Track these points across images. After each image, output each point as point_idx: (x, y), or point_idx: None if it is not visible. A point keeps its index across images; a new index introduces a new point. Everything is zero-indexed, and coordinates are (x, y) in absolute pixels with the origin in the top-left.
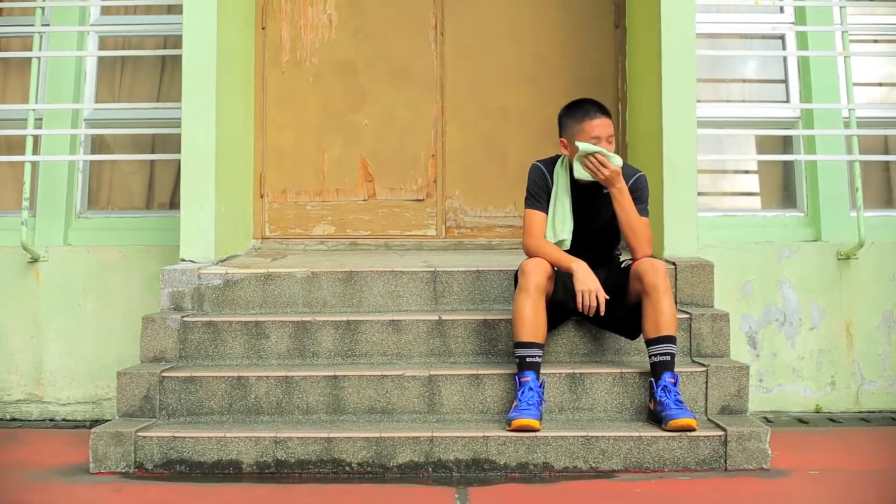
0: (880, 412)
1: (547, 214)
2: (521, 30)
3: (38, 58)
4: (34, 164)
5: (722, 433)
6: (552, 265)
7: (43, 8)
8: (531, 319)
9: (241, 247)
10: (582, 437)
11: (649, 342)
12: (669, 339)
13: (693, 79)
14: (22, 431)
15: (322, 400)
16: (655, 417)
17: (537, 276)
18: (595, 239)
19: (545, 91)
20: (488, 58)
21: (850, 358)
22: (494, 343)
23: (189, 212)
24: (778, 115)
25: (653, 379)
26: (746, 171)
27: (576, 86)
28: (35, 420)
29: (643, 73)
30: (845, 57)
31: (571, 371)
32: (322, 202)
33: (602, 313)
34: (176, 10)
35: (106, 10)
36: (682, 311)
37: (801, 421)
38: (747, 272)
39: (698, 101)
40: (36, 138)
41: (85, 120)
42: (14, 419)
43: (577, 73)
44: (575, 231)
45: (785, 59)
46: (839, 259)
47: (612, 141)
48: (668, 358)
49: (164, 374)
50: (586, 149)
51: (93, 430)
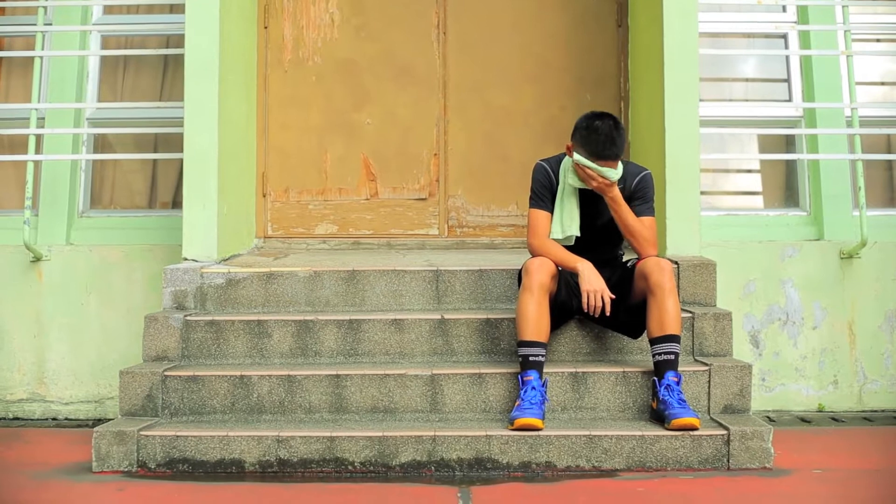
0: (883, 411)
1: (552, 214)
2: (524, 28)
3: (41, 57)
4: (37, 164)
5: (725, 432)
6: (556, 265)
7: (45, 7)
8: (534, 319)
9: (244, 246)
10: (585, 436)
11: (653, 341)
12: (674, 339)
13: (695, 78)
14: (25, 430)
15: (325, 399)
16: (658, 416)
17: (541, 275)
18: (598, 238)
19: (548, 90)
20: (491, 57)
21: (852, 357)
22: (497, 342)
23: (191, 211)
24: (780, 114)
25: (656, 378)
26: (749, 171)
27: (578, 85)
28: (38, 419)
29: (645, 72)
30: (848, 56)
31: (574, 370)
32: (324, 201)
33: (608, 314)
34: (178, 9)
35: (108, 10)
36: (685, 311)
37: (804, 420)
38: (750, 271)
39: (701, 100)
40: (38, 137)
41: (87, 119)
42: (17, 418)
43: (580, 72)
44: (582, 235)
45: (787, 58)
46: (842, 258)
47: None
48: (672, 357)
49: (166, 373)
50: (579, 161)
51: (95, 429)
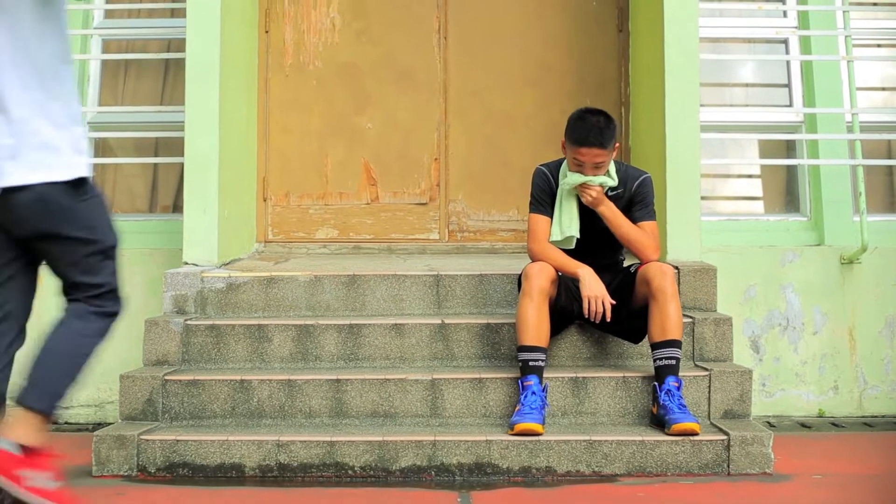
0: (883, 417)
1: (552, 219)
2: (525, 33)
3: None
4: None
5: (725, 437)
6: (557, 270)
7: None
8: (534, 324)
9: (244, 250)
10: (585, 441)
11: (655, 346)
12: (675, 344)
13: (696, 83)
14: None
15: (325, 403)
16: (658, 421)
17: (541, 280)
18: (598, 242)
19: (548, 94)
20: (492, 61)
21: (853, 362)
22: (497, 347)
23: (192, 215)
24: (781, 119)
25: (656, 383)
26: (749, 176)
27: (579, 89)
28: None
29: (646, 76)
30: (848, 61)
31: (574, 375)
32: (325, 206)
33: (609, 319)
34: (179, 13)
35: (109, 14)
36: (685, 316)
37: (804, 425)
38: (750, 276)
39: (701, 105)
40: None
41: (88, 123)
42: None
43: (581, 77)
44: (580, 237)
45: (788, 63)
46: (842, 263)
47: (602, 166)
48: (673, 362)
49: (166, 378)
50: (571, 182)
51: (95, 433)
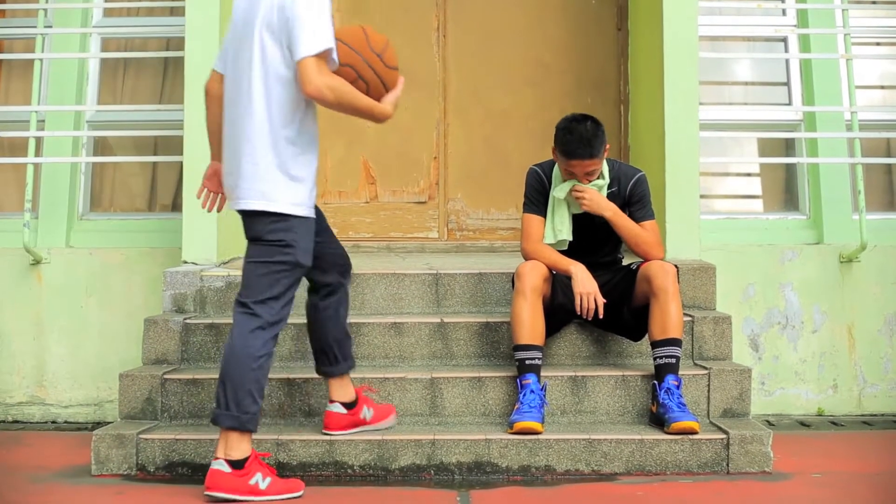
0: (882, 415)
1: (545, 218)
2: (524, 32)
3: (41, 59)
4: (36, 166)
5: (724, 436)
6: (549, 268)
7: (46, 10)
8: (529, 322)
9: (244, 249)
10: (584, 439)
11: (655, 344)
12: (675, 342)
13: (695, 81)
14: (24, 433)
15: (323, 403)
16: (658, 420)
17: (532, 278)
18: (595, 241)
19: (547, 93)
20: (491, 60)
21: (852, 361)
22: (496, 346)
23: (191, 214)
24: (780, 117)
25: (656, 381)
26: (749, 174)
27: (578, 88)
28: (37, 422)
29: (645, 75)
30: (847, 59)
31: (573, 374)
32: (324, 204)
33: (601, 316)
34: (179, 11)
35: (108, 12)
36: (685, 314)
37: (804, 424)
38: (749, 275)
39: (700, 103)
40: (38, 140)
41: (87, 122)
42: (16, 421)
43: (580, 76)
44: (575, 235)
45: (787, 61)
46: (841, 262)
47: (594, 173)
48: (673, 361)
49: (166, 376)
50: (558, 195)
51: (95, 432)
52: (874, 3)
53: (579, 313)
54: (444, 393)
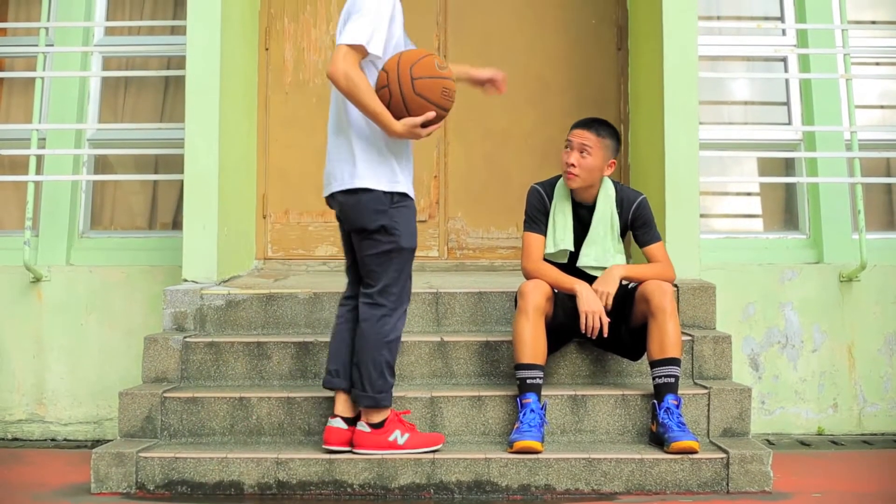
0: (882, 435)
1: (545, 237)
2: (524, 51)
3: (42, 78)
4: (37, 184)
5: (724, 455)
6: (552, 287)
7: (47, 28)
8: (531, 341)
9: (244, 267)
10: (584, 459)
11: (654, 364)
12: (674, 362)
13: (695, 101)
14: (23, 451)
15: (324, 421)
16: (657, 439)
17: (536, 297)
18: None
19: (547, 112)
20: None
21: (852, 380)
22: (496, 365)
23: (192, 232)
24: (780, 137)
25: (655, 401)
26: (749, 193)
27: (578, 107)
28: (36, 440)
29: (645, 95)
30: (847, 79)
31: (573, 393)
32: (325, 223)
33: (605, 335)
34: (179, 31)
35: (110, 31)
36: (684, 334)
37: (804, 443)
38: (749, 294)
39: (700, 122)
40: (39, 158)
41: (88, 140)
42: (15, 439)
43: (580, 95)
44: (575, 254)
45: (787, 81)
46: (841, 281)
47: (587, 153)
48: (672, 380)
49: (165, 395)
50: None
51: (94, 450)
52: (874, 23)
53: (584, 332)
54: (444, 411)
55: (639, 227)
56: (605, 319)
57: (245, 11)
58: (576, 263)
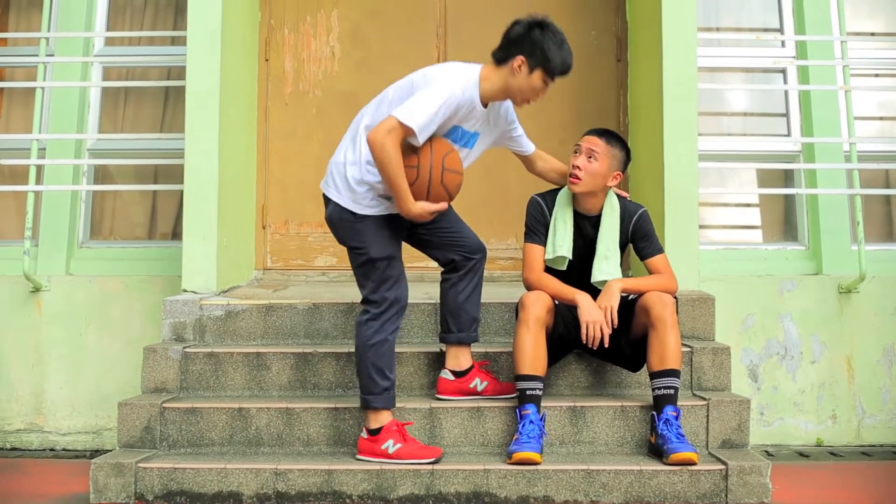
0: (881, 446)
1: (546, 248)
2: None
3: (42, 88)
4: (37, 194)
5: (723, 467)
6: (553, 298)
7: (47, 38)
8: (531, 353)
9: (243, 278)
10: (583, 470)
11: (653, 375)
12: (674, 373)
13: (694, 112)
14: (22, 461)
15: (323, 432)
16: (656, 451)
17: (537, 309)
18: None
19: (547, 123)
20: None
21: (851, 392)
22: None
23: (191, 242)
24: (779, 148)
25: (654, 412)
26: (748, 205)
27: (577, 119)
28: (35, 450)
29: (644, 106)
30: (846, 91)
31: (572, 404)
32: (324, 233)
33: (606, 345)
34: (180, 41)
35: (110, 41)
36: (684, 345)
37: (802, 454)
38: (748, 305)
39: (699, 134)
40: (39, 168)
41: (88, 150)
42: (14, 448)
43: (579, 106)
44: (576, 264)
45: (786, 92)
46: (840, 293)
47: (594, 159)
48: (672, 391)
49: (165, 405)
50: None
51: (93, 460)
52: (873, 34)
53: (584, 342)
54: (443, 423)
55: (640, 239)
56: (607, 330)
57: (245, 22)
58: (589, 280)
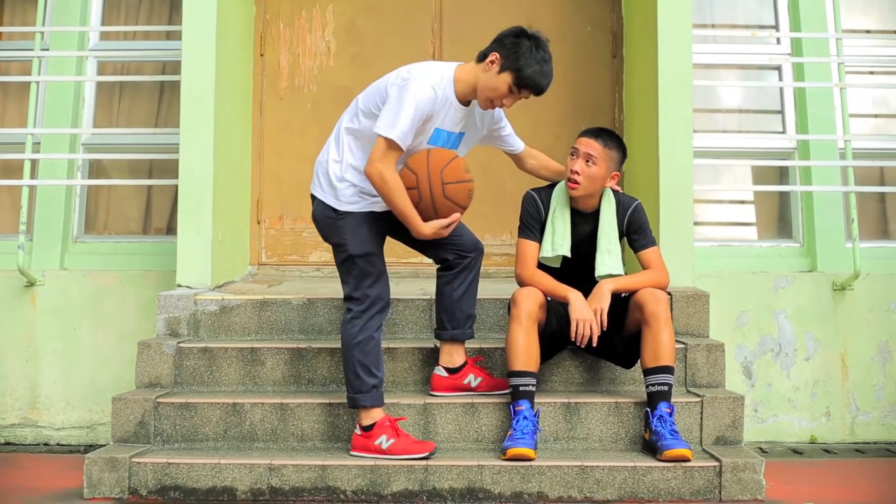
0: (875, 443)
1: (540, 244)
2: None
3: (37, 82)
4: (32, 188)
5: (717, 464)
6: (545, 294)
7: (42, 33)
8: (523, 349)
9: (238, 273)
10: (577, 466)
11: (647, 371)
12: (667, 370)
13: (690, 109)
14: (16, 456)
15: (317, 427)
16: (650, 447)
17: (529, 305)
18: (590, 267)
19: (542, 120)
20: None
21: (845, 389)
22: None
23: (186, 237)
24: (774, 145)
25: (648, 409)
26: (742, 202)
27: (573, 115)
28: (29, 444)
29: (640, 103)
30: (841, 88)
31: (566, 400)
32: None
33: (594, 344)
34: (175, 36)
35: (105, 36)
36: (678, 341)
37: (796, 451)
38: (743, 302)
39: (695, 131)
40: (34, 162)
41: (83, 144)
42: (8, 443)
43: (575, 102)
44: (572, 260)
45: (781, 89)
46: (834, 290)
47: (591, 163)
48: (666, 388)
49: (159, 400)
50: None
51: (87, 455)
52: (868, 32)
53: (574, 339)
54: (437, 418)
55: (634, 231)
56: (596, 329)
57: (240, 17)
58: (585, 276)
